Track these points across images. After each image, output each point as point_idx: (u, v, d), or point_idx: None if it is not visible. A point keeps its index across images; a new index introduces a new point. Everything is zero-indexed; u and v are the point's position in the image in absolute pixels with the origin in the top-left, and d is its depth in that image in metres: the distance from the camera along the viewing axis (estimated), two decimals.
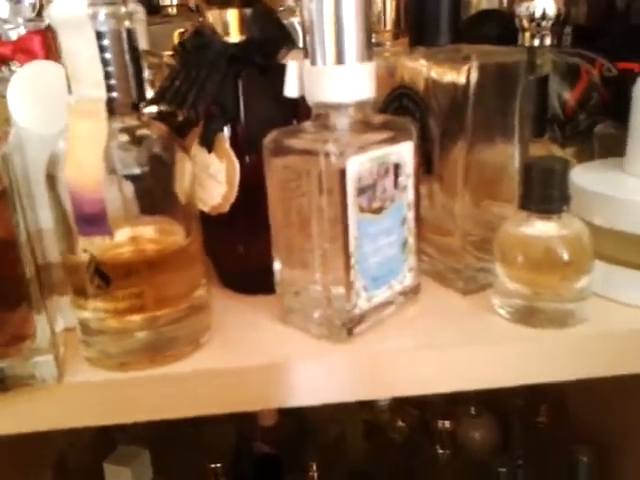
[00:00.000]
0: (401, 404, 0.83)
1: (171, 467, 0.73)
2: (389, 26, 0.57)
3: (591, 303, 0.35)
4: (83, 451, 0.73)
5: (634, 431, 0.66)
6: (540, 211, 0.34)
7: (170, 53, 0.53)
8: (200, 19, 0.62)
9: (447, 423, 0.80)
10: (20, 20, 0.46)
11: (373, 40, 0.57)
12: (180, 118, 0.39)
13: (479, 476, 0.79)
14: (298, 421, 0.82)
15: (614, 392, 0.62)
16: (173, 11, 0.72)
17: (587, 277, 0.34)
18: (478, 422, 0.81)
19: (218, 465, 0.74)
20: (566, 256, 0.34)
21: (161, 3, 0.72)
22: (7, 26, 0.46)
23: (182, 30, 0.62)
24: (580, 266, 0.34)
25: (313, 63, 0.32)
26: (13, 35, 0.46)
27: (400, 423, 0.82)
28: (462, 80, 0.36)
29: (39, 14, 0.50)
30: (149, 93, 0.45)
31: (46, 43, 0.46)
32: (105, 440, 0.78)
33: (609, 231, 0.36)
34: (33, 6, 0.47)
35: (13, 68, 0.45)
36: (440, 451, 0.80)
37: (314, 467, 0.76)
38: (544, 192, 0.33)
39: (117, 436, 0.77)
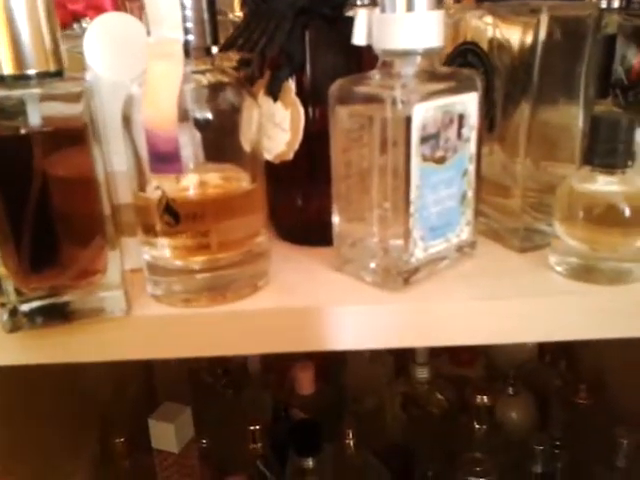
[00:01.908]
0: (440, 378, 0.83)
1: (211, 427, 0.75)
2: None
3: None
4: (128, 407, 0.76)
5: None
6: (604, 165, 0.33)
7: (237, 14, 0.54)
8: None
9: (485, 398, 0.80)
10: None
11: None
12: (241, 74, 0.40)
13: (516, 453, 0.78)
14: (336, 391, 0.83)
15: None
16: None
17: None
18: (516, 400, 0.81)
19: (257, 427, 0.76)
20: (628, 212, 0.33)
21: None
22: None
23: None
24: None
25: (383, 11, 0.32)
26: None
27: (438, 396, 0.82)
28: (529, 36, 0.35)
29: None
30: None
31: (116, 0, 0.47)
32: (149, 398, 0.80)
33: None
34: None
35: (85, 25, 0.46)
36: (477, 426, 0.80)
37: (350, 435, 0.77)
38: (609, 146, 0.33)
39: (160, 396, 0.80)
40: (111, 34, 0.38)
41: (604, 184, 0.34)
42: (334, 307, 0.34)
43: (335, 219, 0.37)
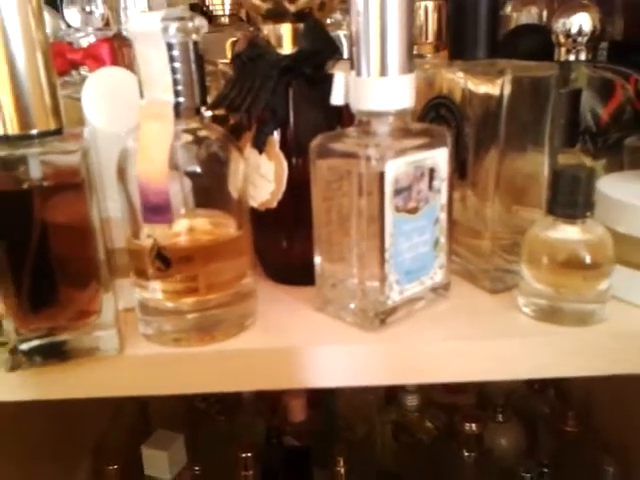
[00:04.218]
0: (430, 406, 0.84)
1: (204, 454, 0.76)
2: (430, 38, 0.60)
3: (611, 305, 0.37)
4: (122, 435, 0.77)
5: None
6: (565, 216, 0.36)
7: (225, 61, 0.57)
8: (251, 29, 0.66)
9: (474, 426, 0.81)
10: (90, 29, 0.50)
11: (415, 52, 0.60)
12: (232, 122, 0.43)
13: None
14: (328, 418, 0.84)
15: None
16: (225, 20, 0.76)
17: (608, 280, 0.37)
18: (505, 427, 0.82)
19: (249, 455, 0.77)
20: (588, 259, 0.36)
21: (214, 13, 0.76)
22: (78, 34, 0.50)
23: (234, 39, 0.66)
24: (601, 269, 0.36)
25: (358, 74, 0.35)
26: (84, 43, 0.50)
27: (428, 424, 0.84)
28: (496, 92, 0.38)
29: (107, 24, 0.54)
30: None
31: (113, 50, 0.50)
32: (143, 425, 0.82)
33: (631, 238, 0.38)
34: (102, 16, 0.52)
35: (83, 72, 0.49)
36: (466, 454, 0.81)
37: (341, 462, 0.79)
38: (570, 198, 0.36)
39: (154, 422, 0.81)
40: (107, 88, 0.41)
41: (566, 233, 0.36)
42: (315, 347, 0.36)
43: (317, 260, 0.40)
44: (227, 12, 0.77)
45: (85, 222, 0.34)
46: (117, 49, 0.51)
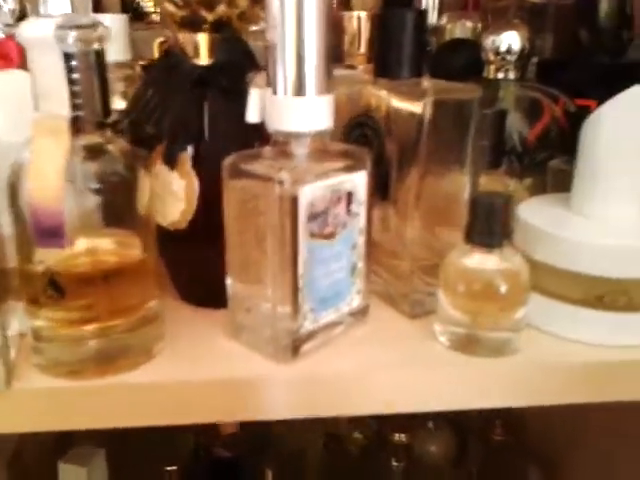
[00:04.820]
0: (360, 416, 0.84)
1: (127, 468, 0.73)
2: (363, 49, 0.59)
3: (527, 334, 0.37)
4: (40, 449, 0.73)
5: (584, 448, 0.69)
6: (481, 244, 0.35)
7: (144, 63, 0.54)
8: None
9: (403, 436, 0.81)
10: None
11: (346, 62, 0.59)
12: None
13: None
14: (259, 430, 0.83)
15: (567, 409, 0.64)
16: (156, 18, 0.73)
17: (523, 309, 0.36)
18: (435, 435, 0.83)
19: (174, 468, 0.75)
20: (504, 289, 0.35)
21: (144, 9, 0.73)
22: None
23: (162, 39, 0.63)
24: (517, 298, 0.36)
25: (274, 92, 0.34)
26: None
27: (357, 435, 0.84)
28: (418, 113, 0.37)
29: (19, 20, 0.51)
30: (121, 104, 0.46)
31: (21, 48, 0.47)
32: (63, 438, 0.78)
33: (548, 266, 0.38)
34: (12, 12, 0.48)
35: None
36: (395, 464, 0.82)
37: (271, 475, 0.78)
38: (485, 227, 0.35)
39: (75, 434, 0.78)
40: (7, 93, 0.38)
41: (482, 261, 0.36)
42: (224, 380, 0.35)
43: (229, 282, 0.38)
44: (158, 9, 0.74)
45: None
46: None
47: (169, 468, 0.75)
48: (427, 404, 0.36)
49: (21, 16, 0.54)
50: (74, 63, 0.31)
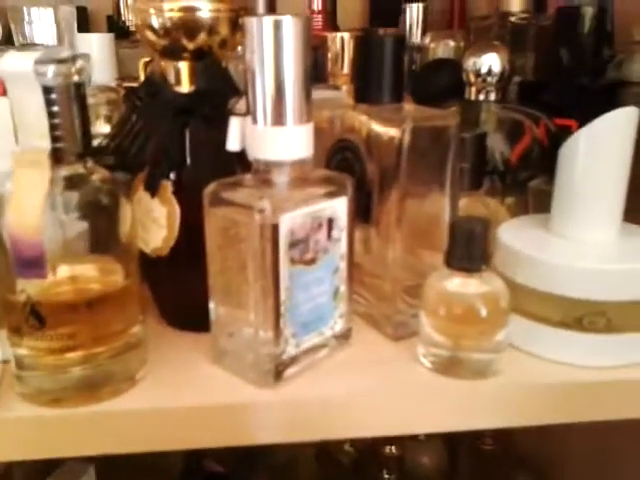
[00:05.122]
0: None
1: None
2: (346, 70, 0.59)
3: (508, 355, 0.38)
4: (29, 465, 0.73)
5: (573, 456, 0.70)
6: (461, 269, 0.36)
7: (130, 85, 0.55)
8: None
9: (394, 448, 0.82)
10: None
11: (329, 82, 0.59)
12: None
13: None
14: None
15: None
16: None
17: (504, 331, 0.37)
18: (426, 447, 0.83)
19: None
20: (484, 312, 0.36)
21: (130, 28, 0.73)
22: None
23: (147, 59, 0.63)
24: (497, 321, 0.36)
25: (254, 122, 0.34)
26: None
27: (348, 447, 0.84)
28: (397, 137, 0.38)
29: (8, 42, 0.51)
30: (105, 128, 0.46)
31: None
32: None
33: (528, 289, 0.38)
34: None
35: None
36: (386, 476, 0.82)
37: None
38: (465, 252, 0.35)
39: None
40: None
41: (462, 285, 0.36)
42: (208, 407, 0.35)
43: (212, 306, 0.38)
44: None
45: None
46: None
47: None
48: (411, 427, 0.37)
49: (6, 38, 0.55)
50: (54, 96, 0.31)
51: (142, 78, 0.62)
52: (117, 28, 0.74)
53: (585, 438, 0.67)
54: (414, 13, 0.73)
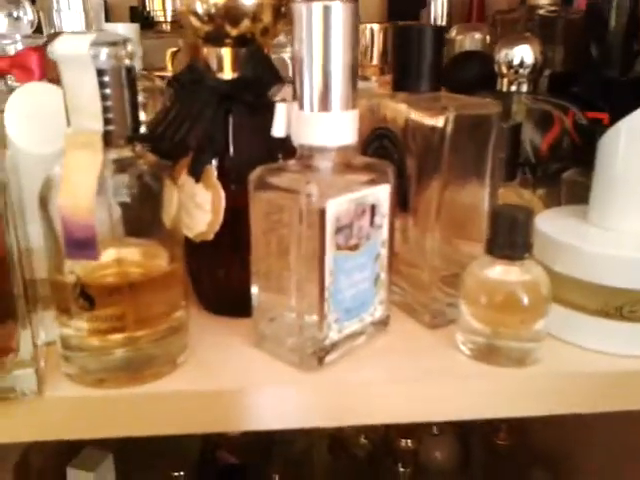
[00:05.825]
0: None
1: (134, 473, 0.73)
2: (375, 61, 0.59)
3: (547, 344, 0.38)
4: (47, 452, 0.73)
5: (589, 451, 0.70)
6: (503, 257, 0.36)
7: (162, 74, 0.55)
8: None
9: (409, 442, 0.82)
10: (18, 36, 0.47)
11: (360, 74, 0.59)
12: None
13: None
14: (265, 433, 0.83)
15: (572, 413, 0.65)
16: (167, 27, 0.73)
17: (544, 320, 0.37)
18: (440, 441, 0.83)
19: (181, 473, 0.75)
20: (526, 301, 0.36)
21: (155, 19, 0.73)
22: (5, 41, 0.47)
23: (175, 49, 0.64)
24: (538, 310, 0.37)
25: (301, 108, 0.34)
26: (11, 50, 0.47)
27: (363, 440, 0.84)
28: (439, 128, 0.38)
29: (37, 31, 0.51)
30: (142, 116, 0.46)
31: (42, 60, 0.47)
32: (70, 442, 0.78)
33: (567, 277, 0.38)
34: (32, 23, 0.48)
35: (10, 82, 0.46)
36: (401, 469, 0.82)
37: (277, 479, 0.78)
38: (508, 239, 0.36)
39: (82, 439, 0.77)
40: (33, 106, 0.38)
41: (504, 273, 0.36)
42: (249, 389, 0.35)
43: (254, 291, 0.38)
44: (169, 18, 0.74)
45: (1, 256, 0.32)
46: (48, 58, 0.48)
47: (176, 474, 0.75)
48: (448, 414, 0.37)
49: (38, 27, 0.55)
50: (106, 79, 0.31)
51: (169, 68, 0.62)
52: (141, 19, 0.74)
53: (602, 433, 0.67)
54: (439, 6, 0.73)
